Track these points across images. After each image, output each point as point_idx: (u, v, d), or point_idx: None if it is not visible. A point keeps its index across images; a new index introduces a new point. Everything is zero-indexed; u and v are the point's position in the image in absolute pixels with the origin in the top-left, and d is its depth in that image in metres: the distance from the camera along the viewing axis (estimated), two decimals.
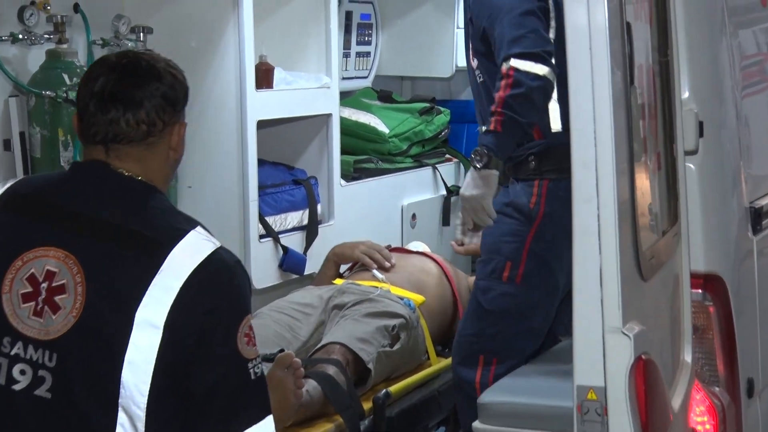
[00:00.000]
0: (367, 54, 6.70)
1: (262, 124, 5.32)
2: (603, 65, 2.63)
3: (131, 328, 2.48)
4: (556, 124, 3.94)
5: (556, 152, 3.86)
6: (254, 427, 2.60)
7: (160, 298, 2.50)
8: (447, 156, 6.97)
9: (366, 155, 6.28)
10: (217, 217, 5.15)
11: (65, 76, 4.65)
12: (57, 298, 2.54)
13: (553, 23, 4.00)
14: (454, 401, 4.76)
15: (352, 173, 6.09)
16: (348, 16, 6.45)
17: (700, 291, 3.46)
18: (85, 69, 4.55)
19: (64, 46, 4.73)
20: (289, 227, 5.54)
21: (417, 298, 4.90)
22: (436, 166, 6.74)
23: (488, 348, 4.12)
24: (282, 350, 4.12)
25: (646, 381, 2.71)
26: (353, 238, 5.34)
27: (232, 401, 2.58)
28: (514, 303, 4.00)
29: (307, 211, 5.64)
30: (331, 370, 4.05)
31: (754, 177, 3.88)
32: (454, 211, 6.90)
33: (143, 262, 2.54)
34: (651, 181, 3.15)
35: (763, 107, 4.21)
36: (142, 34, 5.07)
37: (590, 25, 2.64)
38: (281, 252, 5.43)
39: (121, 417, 2.50)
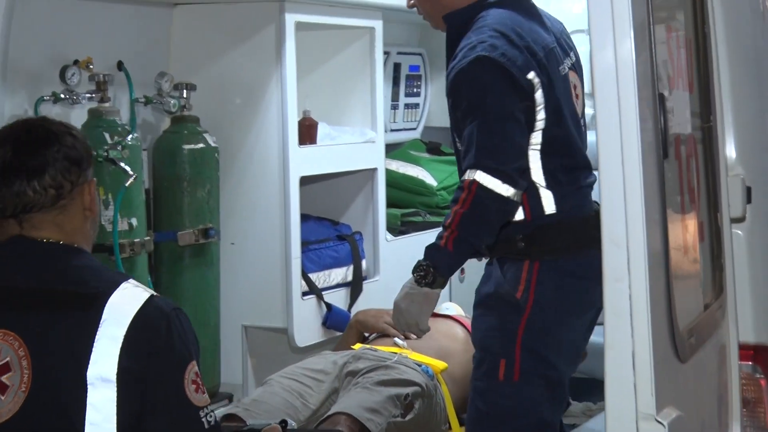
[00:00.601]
0: (416, 105, 6.63)
1: (307, 180, 5.25)
2: (633, 142, 2.54)
3: (86, 389, 2.43)
4: (550, 208, 3.63)
5: (550, 232, 3.64)
6: None
7: (108, 350, 2.44)
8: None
9: (414, 208, 6.20)
10: (260, 273, 5.19)
11: (107, 135, 4.57)
12: (3, 378, 2.47)
13: (541, 101, 3.64)
14: None
15: (399, 227, 6.03)
16: (396, 68, 6.39)
17: (750, 363, 3.34)
18: (127, 127, 4.71)
19: (107, 104, 4.67)
20: (333, 284, 5.46)
21: (438, 364, 4.65)
22: None
23: None
24: (285, 421, 3.81)
25: None
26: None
27: None
28: (517, 402, 3.63)
29: (351, 267, 5.59)
30: None
31: None
32: None
33: (83, 319, 2.48)
34: (690, 254, 3.04)
35: None
36: (185, 91, 4.98)
37: (620, 101, 2.54)
38: (325, 309, 5.32)
39: None
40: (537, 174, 3.68)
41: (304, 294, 5.22)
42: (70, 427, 2.44)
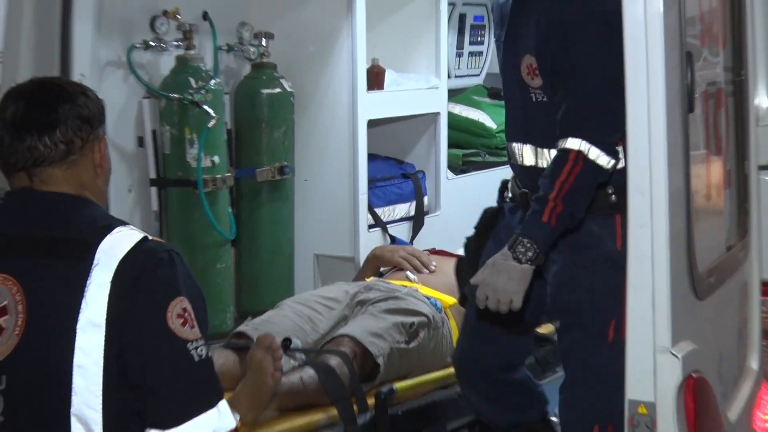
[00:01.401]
0: (480, 53, 6.68)
1: (374, 122, 5.35)
2: (659, 96, 2.58)
3: (75, 333, 2.44)
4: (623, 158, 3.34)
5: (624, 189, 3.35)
6: (200, 417, 2.51)
7: (97, 295, 2.45)
8: None
9: (474, 149, 6.30)
10: (330, 208, 5.33)
11: (192, 80, 4.71)
12: (2, 321, 2.52)
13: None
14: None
15: (460, 166, 6.12)
16: (461, 18, 6.43)
17: None
18: (211, 73, 4.87)
19: (192, 52, 4.81)
20: (397, 218, 5.58)
21: (447, 299, 4.51)
22: None
23: (604, 415, 3.51)
24: (288, 339, 3.99)
25: (696, 398, 2.68)
26: (458, 228, 5.08)
27: (177, 384, 2.51)
28: (619, 362, 3.25)
29: (414, 203, 5.69)
30: (334, 361, 3.83)
31: None
32: None
33: (74, 266, 2.49)
34: (714, 201, 3.07)
35: None
36: (264, 39, 5.10)
37: (648, 56, 2.59)
38: (389, 241, 5.44)
39: (76, 427, 2.46)
40: None
41: (370, 227, 5.36)
42: (58, 370, 2.45)
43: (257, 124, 5.10)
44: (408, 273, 4.63)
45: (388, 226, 5.49)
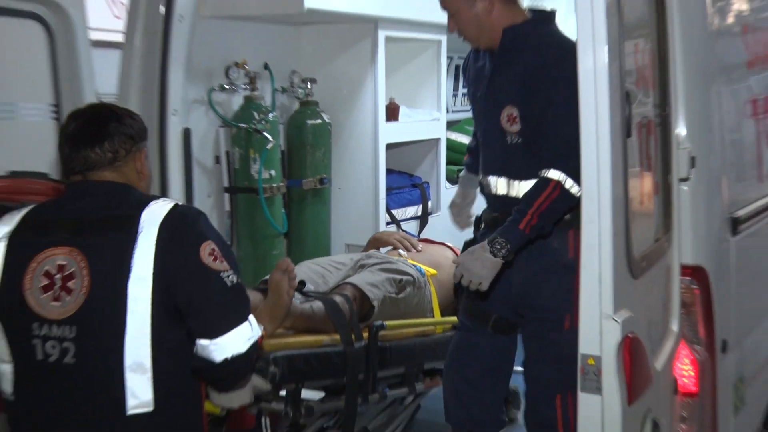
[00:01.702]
0: None
1: (391, 145, 5.43)
2: (605, 125, 2.60)
3: (127, 288, 2.49)
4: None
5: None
6: (237, 329, 2.57)
7: (144, 255, 2.50)
8: None
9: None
10: (358, 208, 5.42)
11: (255, 114, 4.83)
12: (69, 283, 2.54)
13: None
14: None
15: (455, 178, 5.93)
16: (456, 68, 6.47)
17: (688, 278, 3.36)
18: (269, 109, 4.96)
19: (256, 93, 4.92)
20: (408, 217, 5.70)
21: (429, 270, 4.45)
22: None
23: (565, 386, 3.43)
24: (303, 282, 3.96)
25: (630, 352, 2.70)
26: (454, 226, 4.76)
27: (216, 305, 2.58)
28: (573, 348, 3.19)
29: (420, 206, 5.82)
30: (338, 298, 3.81)
31: (733, 194, 3.76)
32: None
33: (124, 236, 2.52)
34: (645, 204, 3.11)
35: (741, 143, 4.02)
36: (309, 83, 5.18)
37: (597, 96, 2.62)
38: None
39: (129, 363, 2.51)
40: None
41: (388, 223, 5.47)
42: (116, 318, 2.50)
43: (303, 147, 5.18)
44: (400, 251, 4.60)
45: (401, 223, 5.58)
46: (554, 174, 3.27)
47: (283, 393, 3.66)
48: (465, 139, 6.32)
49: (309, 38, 5.42)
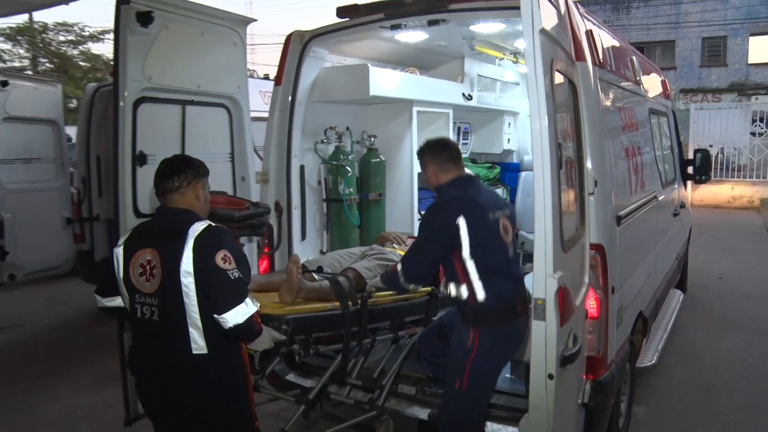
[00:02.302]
0: (466, 143, 6.79)
1: (420, 174, 5.11)
2: (547, 162, 2.67)
3: (180, 277, 2.55)
4: (480, 296, 3.06)
5: (484, 314, 3.06)
6: (236, 307, 2.54)
7: (188, 257, 2.54)
8: (498, 185, 7.00)
9: None
10: (400, 212, 5.45)
11: (341, 156, 4.92)
12: (154, 271, 2.61)
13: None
14: (424, 308, 4.02)
15: None
16: (458, 129, 6.57)
17: (593, 251, 3.41)
18: (349, 152, 4.99)
19: (341, 143, 5.00)
20: None
21: None
22: (494, 189, 6.50)
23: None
24: (320, 267, 3.90)
25: (563, 297, 2.75)
26: None
27: (222, 292, 2.54)
28: (463, 402, 3.15)
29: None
30: (341, 278, 3.67)
31: (617, 202, 3.82)
32: None
33: (179, 243, 2.55)
34: (571, 207, 3.12)
35: (622, 171, 4.15)
36: (372, 137, 5.27)
37: (542, 145, 2.67)
38: None
39: (192, 325, 2.61)
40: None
41: (419, 219, 5.06)
42: (177, 295, 2.56)
43: (369, 175, 5.25)
44: (394, 245, 4.45)
45: None
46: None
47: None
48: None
49: (373, 112, 5.47)
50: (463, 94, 5.93)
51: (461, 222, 2.95)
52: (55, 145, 7.09)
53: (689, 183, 7.41)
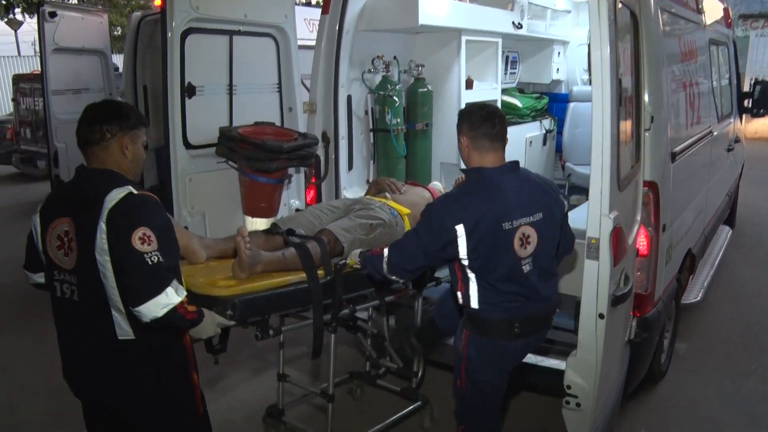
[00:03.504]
0: (514, 72, 6.58)
1: (469, 104, 5.37)
2: (607, 97, 2.56)
3: (95, 255, 2.14)
4: (474, 304, 2.65)
5: (477, 320, 2.68)
6: (153, 299, 2.10)
7: (102, 231, 2.12)
8: (546, 116, 6.77)
9: (510, 116, 6.12)
10: (447, 142, 5.26)
11: (388, 86, 4.79)
12: (71, 245, 2.21)
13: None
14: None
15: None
16: (507, 58, 6.32)
17: (646, 188, 3.35)
18: (396, 82, 4.86)
19: (389, 73, 4.87)
20: None
21: (403, 210, 3.67)
22: (541, 120, 6.62)
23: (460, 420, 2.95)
24: (292, 230, 3.28)
25: (617, 236, 2.66)
26: (508, 155, 3.78)
27: (135, 281, 2.10)
28: (464, 399, 2.84)
29: None
30: (311, 244, 3.08)
31: (673, 139, 3.70)
32: (549, 139, 6.95)
33: (94, 213, 2.14)
34: (628, 143, 3.00)
35: (679, 106, 4.00)
36: (420, 67, 5.12)
37: (602, 78, 2.55)
38: None
39: (112, 304, 2.21)
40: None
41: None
42: (95, 275, 2.16)
43: (416, 105, 5.12)
44: (387, 194, 3.91)
45: None
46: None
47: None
48: (511, 100, 6.26)
49: (421, 41, 5.33)
50: (513, 23, 5.74)
51: (460, 230, 2.50)
52: (104, 75, 7.12)
53: (744, 116, 7.11)
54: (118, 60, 9.39)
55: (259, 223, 4.01)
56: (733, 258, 6.55)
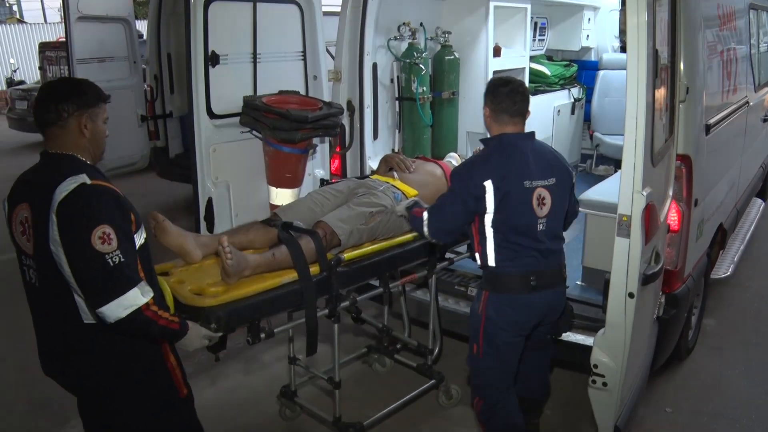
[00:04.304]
0: (543, 39, 6.41)
1: (496, 71, 5.13)
2: (643, 66, 2.45)
3: (50, 246, 2.06)
4: (491, 262, 2.79)
5: (495, 278, 2.79)
6: (116, 300, 2.01)
7: (53, 223, 2.02)
8: (575, 84, 6.62)
9: (539, 84, 6.09)
10: (474, 111, 5.13)
11: (414, 53, 4.69)
12: (30, 231, 2.13)
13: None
14: (426, 252, 3.44)
15: (533, 92, 5.73)
16: (535, 25, 6.17)
17: (679, 162, 3.28)
18: (423, 50, 4.77)
19: (415, 40, 4.78)
20: None
21: (410, 191, 3.51)
22: (570, 88, 6.48)
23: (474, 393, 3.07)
24: (289, 223, 3.12)
25: (650, 213, 2.61)
26: (536, 124, 4.15)
27: (96, 283, 2.01)
28: (480, 365, 2.95)
29: None
30: (304, 239, 2.93)
31: (708, 110, 3.61)
32: (578, 108, 6.78)
33: (45, 203, 2.04)
34: (662, 116, 2.90)
35: (715, 76, 3.88)
36: (447, 34, 5.01)
37: (638, 46, 2.45)
38: None
39: (74, 289, 2.10)
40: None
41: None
42: (51, 263, 2.08)
43: (443, 73, 5.01)
44: (394, 173, 3.75)
45: None
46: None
47: None
48: (539, 67, 6.13)
49: (448, 7, 5.22)
50: None
51: (488, 185, 2.69)
52: (128, 43, 7.09)
53: None
54: (142, 26, 9.31)
55: (283, 194, 3.99)
56: (765, 232, 6.39)
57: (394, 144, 4.99)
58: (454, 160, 4.09)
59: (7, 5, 29.44)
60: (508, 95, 2.80)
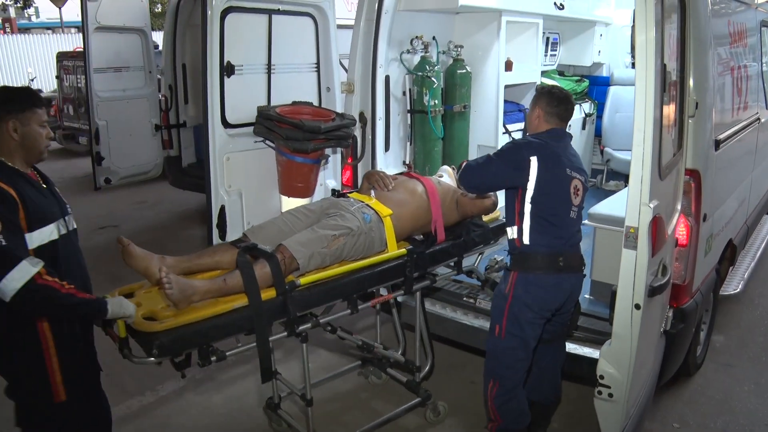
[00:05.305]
0: (554, 54, 6.46)
1: (507, 86, 5.24)
2: (651, 81, 2.47)
3: None
4: (525, 239, 2.97)
5: (526, 257, 2.98)
6: (9, 274, 2.12)
7: None
8: (586, 99, 6.70)
9: None
10: (485, 124, 5.26)
11: (427, 66, 4.74)
12: None
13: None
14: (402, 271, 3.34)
15: None
16: (547, 40, 6.24)
17: (688, 176, 3.30)
18: (435, 63, 4.81)
19: (427, 54, 4.82)
20: (514, 129, 5.41)
21: (384, 211, 3.36)
22: (581, 104, 6.53)
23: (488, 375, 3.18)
24: (253, 246, 3.00)
25: (656, 226, 2.62)
26: None
27: None
28: (502, 347, 3.07)
29: (523, 123, 5.51)
30: (259, 264, 2.87)
31: (718, 126, 3.62)
32: (589, 123, 6.86)
33: None
34: (670, 130, 2.93)
35: (725, 91, 3.89)
36: (459, 48, 5.07)
37: (646, 60, 2.47)
38: (508, 138, 5.18)
39: None
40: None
41: (504, 132, 5.28)
42: None
43: (454, 86, 5.05)
44: (372, 192, 3.60)
45: (512, 133, 5.34)
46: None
47: None
48: (551, 82, 6.02)
49: (460, 21, 5.27)
50: (555, 3, 5.63)
51: (534, 160, 2.92)
52: (144, 53, 7.23)
53: None
54: (158, 37, 9.46)
55: (295, 203, 4.00)
56: None
57: (405, 156, 5.04)
58: (446, 173, 4.00)
59: (26, 15, 29.82)
60: (562, 100, 3.12)
